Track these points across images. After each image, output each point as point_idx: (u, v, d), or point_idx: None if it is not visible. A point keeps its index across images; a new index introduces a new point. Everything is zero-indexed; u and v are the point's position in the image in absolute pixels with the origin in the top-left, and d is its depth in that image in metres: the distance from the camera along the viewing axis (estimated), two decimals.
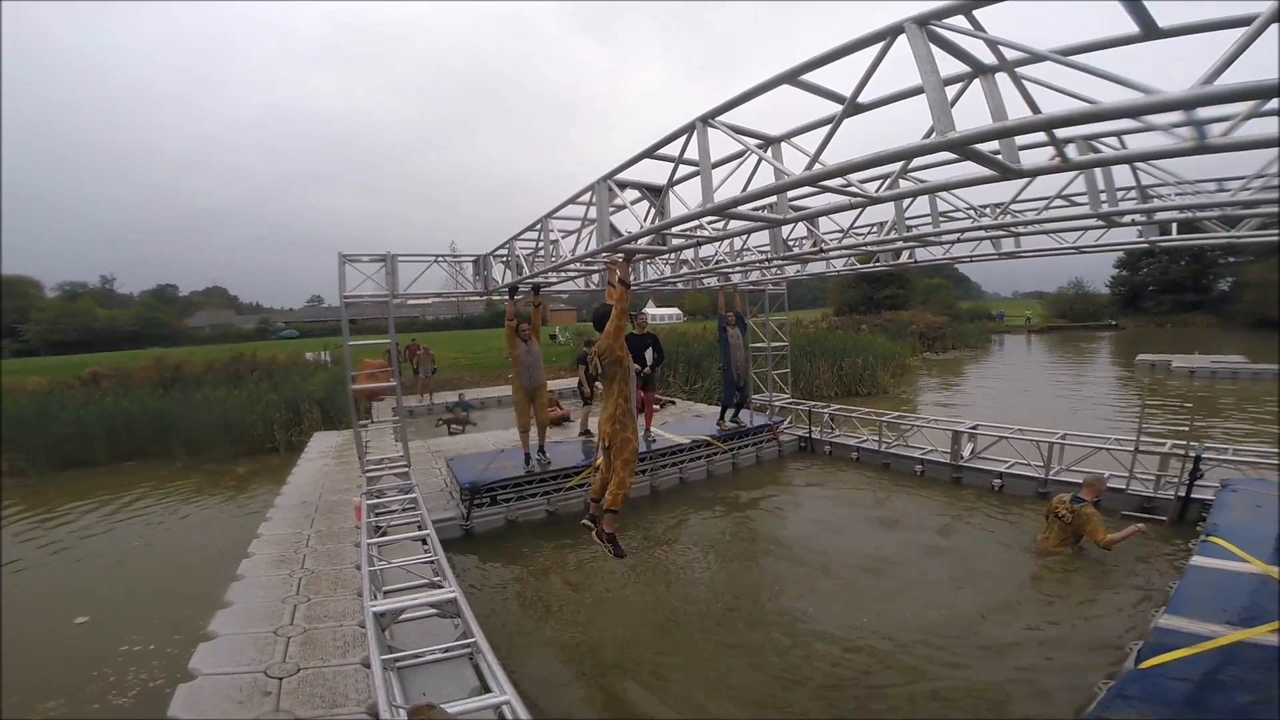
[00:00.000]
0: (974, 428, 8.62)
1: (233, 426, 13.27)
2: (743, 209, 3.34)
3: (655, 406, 11.21)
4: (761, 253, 6.48)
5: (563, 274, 6.91)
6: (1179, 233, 4.75)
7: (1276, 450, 6.70)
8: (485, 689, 3.34)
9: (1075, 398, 16.67)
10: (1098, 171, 3.55)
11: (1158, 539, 5.95)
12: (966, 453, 8.46)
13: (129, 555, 7.55)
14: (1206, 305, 28.96)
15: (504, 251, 7.06)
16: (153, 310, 56.62)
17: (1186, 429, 6.20)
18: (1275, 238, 4.62)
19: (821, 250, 5.96)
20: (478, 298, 7.79)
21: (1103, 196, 3.56)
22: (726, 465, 9.45)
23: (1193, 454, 6.32)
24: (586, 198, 4.52)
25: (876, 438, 9.66)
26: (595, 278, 7.80)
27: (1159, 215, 3.83)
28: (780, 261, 6.87)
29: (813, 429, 10.64)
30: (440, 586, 4.44)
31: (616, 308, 4.18)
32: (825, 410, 10.84)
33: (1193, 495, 6.19)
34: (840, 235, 5.52)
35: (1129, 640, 4.06)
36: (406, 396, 13.48)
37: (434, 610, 4.08)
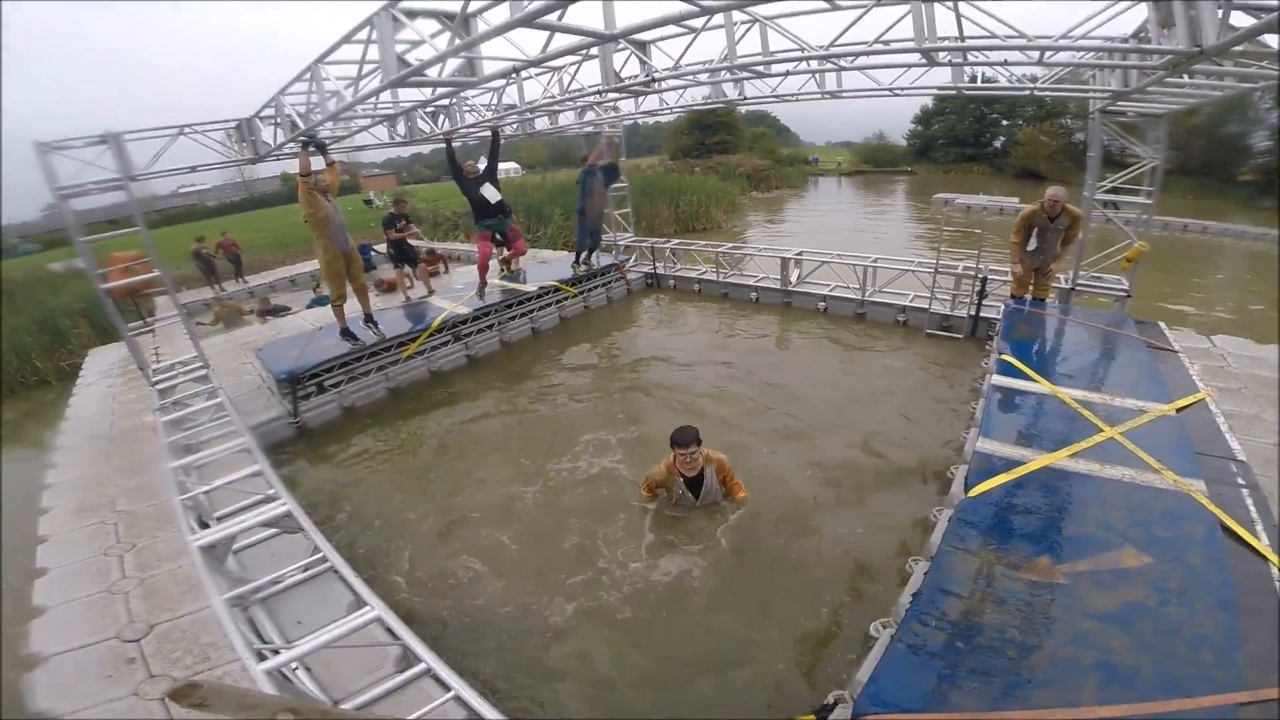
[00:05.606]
0: (800, 254, 9.28)
1: None
2: (564, 21, 2.87)
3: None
4: (594, 89, 5.89)
5: (350, 125, 5.79)
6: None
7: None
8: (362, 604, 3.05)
9: (883, 228, 18.65)
10: (923, 8, 3.50)
11: (956, 353, 6.86)
12: (794, 278, 9.20)
13: None
14: (983, 158, 35.61)
15: (271, 111, 5.69)
16: None
17: (975, 253, 6.65)
18: (1068, 93, 5.13)
19: (654, 80, 5.54)
20: (249, 164, 6.31)
21: (926, 32, 3.55)
22: (579, 309, 9.51)
23: (980, 275, 6.98)
24: (364, 35, 3.60)
25: (715, 269, 10.14)
26: (402, 126, 6.63)
27: (973, 56, 3.98)
28: (613, 96, 6.29)
29: (656, 264, 10.96)
30: (272, 500, 3.89)
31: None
32: (666, 245, 11.11)
33: (981, 314, 6.99)
34: (673, 67, 5.10)
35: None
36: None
37: (276, 530, 3.63)
